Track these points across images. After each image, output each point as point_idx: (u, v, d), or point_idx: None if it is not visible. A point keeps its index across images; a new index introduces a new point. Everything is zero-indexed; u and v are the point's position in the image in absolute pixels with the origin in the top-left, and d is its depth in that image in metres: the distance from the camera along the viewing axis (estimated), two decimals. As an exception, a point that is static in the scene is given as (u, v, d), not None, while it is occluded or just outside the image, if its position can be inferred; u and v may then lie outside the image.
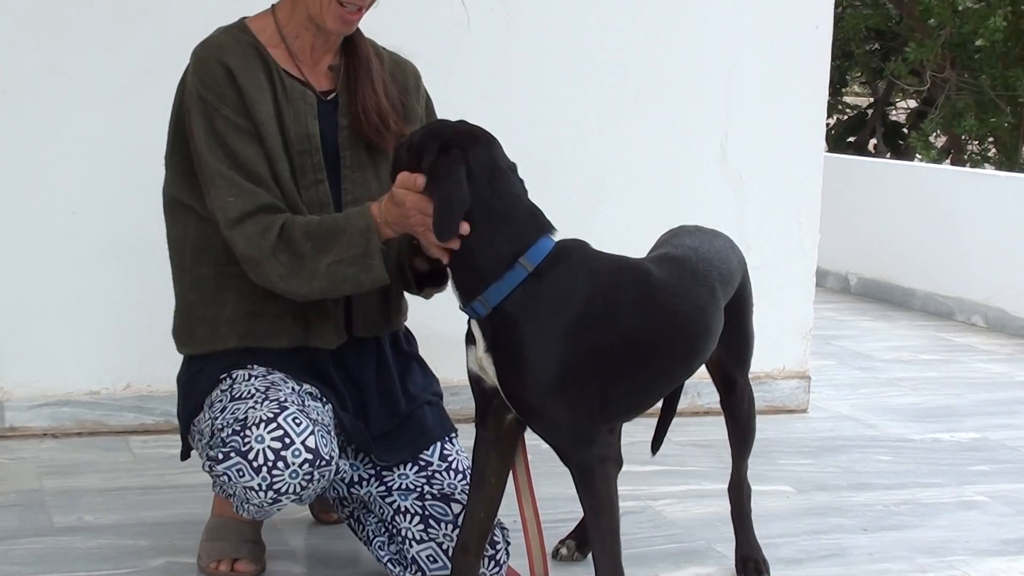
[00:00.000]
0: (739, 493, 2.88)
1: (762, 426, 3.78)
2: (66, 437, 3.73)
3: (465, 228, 2.30)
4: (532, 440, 2.53)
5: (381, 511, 2.68)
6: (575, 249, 2.39)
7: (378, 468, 2.70)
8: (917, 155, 10.75)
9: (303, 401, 2.54)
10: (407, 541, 2.63)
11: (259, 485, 2.40)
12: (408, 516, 2.64)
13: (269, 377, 2.58)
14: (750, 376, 2.84)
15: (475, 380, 2.44)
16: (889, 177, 7.31)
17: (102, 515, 3.12)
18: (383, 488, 2.69)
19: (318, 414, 2.55)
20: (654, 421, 2.90)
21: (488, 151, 2.38)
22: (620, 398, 2.42)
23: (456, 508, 2.64)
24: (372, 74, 2.68)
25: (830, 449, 4.01)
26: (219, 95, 2.54)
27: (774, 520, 3.25)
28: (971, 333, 6.20)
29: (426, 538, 2.62)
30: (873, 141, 12.04)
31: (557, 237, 2.38)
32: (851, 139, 12.06)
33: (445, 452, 2.74)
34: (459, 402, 3.87)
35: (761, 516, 3.07)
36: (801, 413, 4.43)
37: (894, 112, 12.97)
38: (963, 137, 10.98)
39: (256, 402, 2.47)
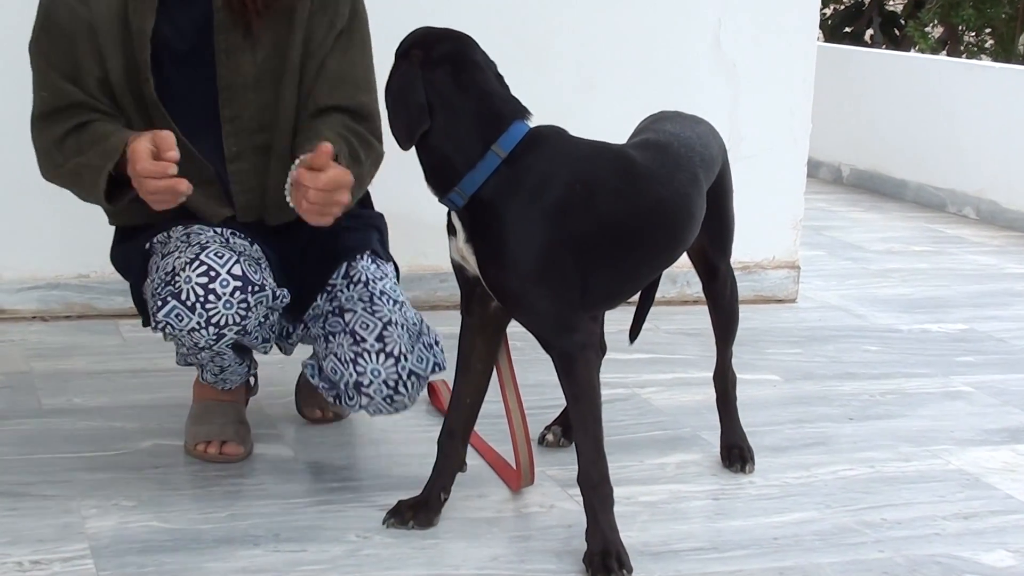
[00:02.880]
0: (724, 381, 2.89)
1: (750, 316, 3.82)
2: (55, 320, 3.73)
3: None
4: (519, 327, 2.54)
5: (317, 351, 2.69)
6: (550, 135, 2.37)
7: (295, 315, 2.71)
8: (914, 46, 10.66)
9: (227, 240, 2.58)
10: (341, 367, 2.60)
11: (198, 323, 2.43)
12: (330, 341, 2.62)
13: (189, 228, 2.60)
14: (740, 265, 2.84)
15: (458, 269, 2.43)
16: (884, 68, 7.25)
17: (91, 397, 3.13)
18: (305, 328, 2.72)
19: (243, 248, 2.57)
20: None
21: (457, 46, 2.34)
22: (602, 285, 2.41)
23: (348, 317, 2.61)
24: None
25: (818, 339, 4.02)
26: None
27: (760, 408, 3.27)
28: (962, 225, 6.20)
29: (348, 357, 2.58)
30: (870, 31, 11.90)
31: (535, 124, 2.36)
32: (848, 29, 11.91)
33: (349, 269, 2.70)
34: (447, 289, 3.89)
35: (748, 404, 3.09)
36: (790, 303, 4.44)
37: (891, 2, 12.82)
38: (960, 28, 10.87)
39: (180, 251, 2.50)
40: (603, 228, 2.36)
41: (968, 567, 2.47)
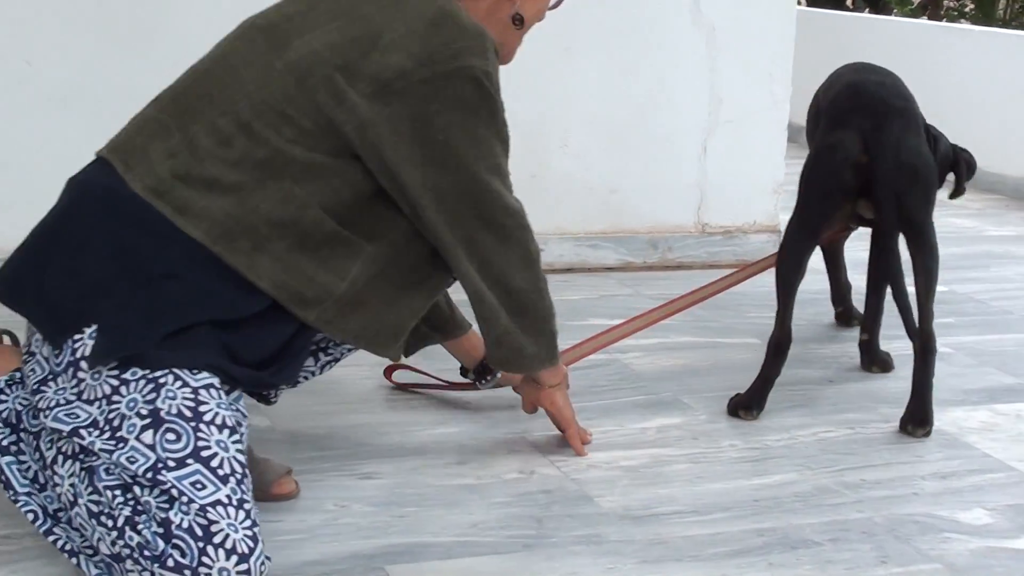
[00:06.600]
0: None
1: (730, 279, 3.79)
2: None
3: None
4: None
5: None
6: None
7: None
8: (894, 10, 10.65)
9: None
10: None
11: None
12: None
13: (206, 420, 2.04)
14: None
15: None
16: (865, 32, 7.23)
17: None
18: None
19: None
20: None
21: None
22: None
23: None
24: None
25: (798, 302, 3.94)
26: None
27: (741, 371, 3.26)
28: (942, 188, 6.18)
29: None
30: (851, -4, 11.90)
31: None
32: (829, -6, 11.91)
33: None
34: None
35: (728, 367, 3.10)
36: (770, 268, 4.42)
37: (872, -34, 12.78)
38: (941, -9, 10.87)
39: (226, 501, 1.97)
40: None
41: (946, 525, 2.48)
